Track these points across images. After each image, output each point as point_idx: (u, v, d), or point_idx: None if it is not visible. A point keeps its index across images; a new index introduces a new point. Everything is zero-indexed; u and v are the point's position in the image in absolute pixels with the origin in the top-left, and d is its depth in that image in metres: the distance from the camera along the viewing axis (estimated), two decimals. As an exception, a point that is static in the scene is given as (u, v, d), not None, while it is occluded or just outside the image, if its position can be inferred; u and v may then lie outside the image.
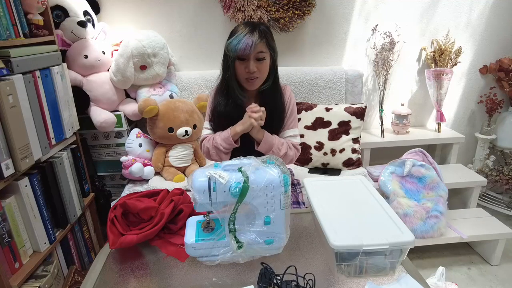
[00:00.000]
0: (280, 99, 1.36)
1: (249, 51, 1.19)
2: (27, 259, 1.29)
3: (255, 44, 1.19)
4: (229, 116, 1.32)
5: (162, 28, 2.03)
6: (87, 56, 1.76)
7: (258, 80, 1.28)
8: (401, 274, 0.86)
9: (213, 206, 0.87)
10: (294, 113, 1.40)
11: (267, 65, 1.27)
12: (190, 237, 0.93)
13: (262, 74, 1.27)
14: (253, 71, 1.23)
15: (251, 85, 1.28)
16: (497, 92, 2.32)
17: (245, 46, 1.19)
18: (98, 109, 1.80)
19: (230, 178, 0.86)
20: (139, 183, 1.80)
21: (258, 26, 1.24)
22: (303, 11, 2.01)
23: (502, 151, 2.36)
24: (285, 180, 0.88)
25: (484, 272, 1.89)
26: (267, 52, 1.25)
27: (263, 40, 1.22)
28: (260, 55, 1.23)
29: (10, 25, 1.27)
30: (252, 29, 1.22)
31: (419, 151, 1.97)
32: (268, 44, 1.24)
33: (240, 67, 1.25)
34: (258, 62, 1.24)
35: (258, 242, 0.90)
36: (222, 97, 1.33)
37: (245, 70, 1.24)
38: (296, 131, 1.40)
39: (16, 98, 1.19)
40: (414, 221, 1.75)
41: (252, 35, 1.20)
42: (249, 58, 1.22)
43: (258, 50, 1.21)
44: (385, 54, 2.10)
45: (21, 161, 1.21)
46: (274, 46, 1.28)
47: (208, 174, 0.86)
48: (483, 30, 2.24)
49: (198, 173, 0.89)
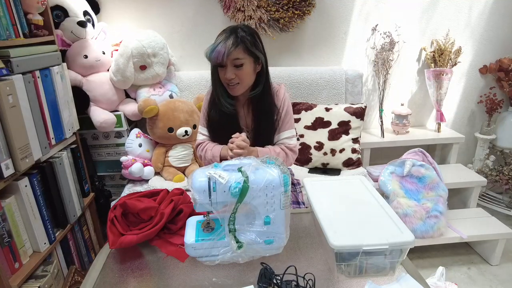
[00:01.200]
0: (272, 103, 1.33)
1: (221, 59, 1.17)
2: (27, 259, 1.29)
3: (229, 52, 1.16)
4: (221, 124, 1.32)
5: (162, 28, 2.03)
6: (87, 56, 1.76)
7: (239, 86, 1.25)
8: (401, 274, 0.86)
9: (213, 206, 0.87)
10: (290, 114, 1.37)
11: (247, 71, 1.23)
12: (190, 237, 0.93)
13: (243, 80, 1.24)
14: (230, 78, 1.21)
15: (232, 90, 1.26)
16: (497, 92, 2.32)
17: (217, 55, 1.17)
18: (98, 109, 1.80)
19: (230, 178, 0.86)
20: (139, 183, 1.80)
21: (235, 32, 1.20)
22: (303, 11, 2.01)
23: (502, 151, 2.36)
24: (285, 180, 0.88)
25: (484, 272, 1.89)
26: (245, 58, 1.20)
27: (240, 46, 1.18)
28: (237, 62, 1.20)
29: (10, 25, 1.27)
30: (228, 36, 1.18)
31: (419, 151, 1.97)
32: (247, 50, 1.20)
33: (221, 73, 1.24)
34: (236, 69, 1.21)
35: (258, 242, 0.90)
36: (213, 104, 1.33)
37: (224, 77, 1.23)
38: (293, 132, 1.38)
39: (16, 98, 1.19)
40: (414, 221, 1.75)
41: (225, 42, 1.17)
42: (226, 65, 1.20)
43: (233, 57, 1.18)
44: (385, 54, 2.10)
45: (21, 161, 1.20)
46: (256, 52, 1.23)
47: (208, 174, 0.86)
48: (483, 30, 2.24)
49: (198, 173, 0.89)
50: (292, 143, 1.37)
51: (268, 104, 1.33)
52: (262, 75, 1.29)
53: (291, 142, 1.37)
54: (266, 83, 1.31)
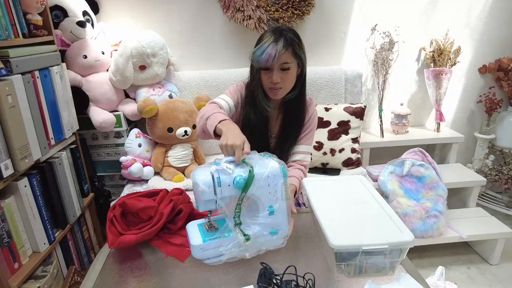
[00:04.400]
0: (302, 112, 1.30)
1: (271, 62, 1.13)
2: (26, 259, 1.29)
3: (279, 55, 1.12)
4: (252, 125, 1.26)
5: (162, 28, 2.03)
6: (86, 56, 1.76)
7: (282, 91, 1.21)
8: (401, 274, 0.86)
9: (218, 202, 0.87)
10: (314, 130, 1.34)
11: (292, 75, 1.20)
12: (196, 239, 0.92)
13: (287, 85, 1.21)
14: (276, 82, 1.17)
15: (274, 95, 1.22)
16: (496, 91, 2.32)
17: (267, 57, 1.12)
18: (97, 109, 1.79)
19: (236, 169, 0.86)
20: (139, 183, 1.80)
21: (284, 34, 1.15)
22: (302, 11, 2.01)
23: (501, 150, 2.36)
24: (284, 171, 0.90)
25: (483, 271, 1.89)
26: (292, 62, 1.17)
27: (289, 50, 1.14)
28: (285, 65, 1.15)
29: (9, 25, 1.26)
30: (277, 37, 1.13)
31: (418, 151, 1.97)
32: (294, 53, 1.16)
33: (264, 77, 1.19)
34: (283, 72, 1.17)
35: (263, 234, 0.90)
36: (248, 106, 1.27)
37: (268, 80, 1.18)
38: (310, 149, 1.35)
39: (15, 98, 1.19)
40: (414, 221, 1.76)
41: (276, 44, 1.12)
42: (273, 69, 1.16)
43: (282, 60, 1.14)
44: (384, 54, 2.10)
45: (20, 162, 1.20)
46: (301, 54, 1.19)
47: (214, 169, 0.86)
48: (482, 30, 2.24)
49: (200, 171, 0.88)
50: (307, 160, 1.34)
51: (300, 111, 1.30)
52: (300, 79, 1.26)
53: (307, 159, 1.33)
54: (303, 88, 1.28)
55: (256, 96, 1.24)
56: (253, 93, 1.24)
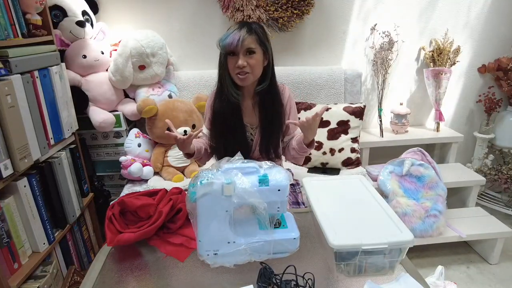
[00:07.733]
0: (279, 101, 1.36)
1: (235, 45, 1.21)
2: (26, 259, 1.29)
3: (243, 38, 1.21)
4: (224, 116, 1.33)
5: (161, 28, 2.03)
6: (85, 56, 1.76)
7: (250, 76, 1.27)
8: (400, 273, 0.86)
9: None
10: (294, 109, 1.42)
11: (258, 60, 1.27)
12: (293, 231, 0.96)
13: (254, 70, 1.27)
14: (242, 66, 1.23)
15: (241, 81, 1.28)
16: (495, 91, 2.32)
17: (231, 41, 1.21)
18: (97, 109, 1.79)
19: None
20: (138, 183, 1.80)
21: (249, 24, 1.26)
22: (302, 11, 2.01)
23: (501, 150, 2.37)
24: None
25: (483, 271, 1.89)
26: (257, 47, 1.25)
27: (252, 36, 1.24)
28: (250, 49, 1.24)
29: (8, 25, 1.26)
30: (242, 25, 1.24)
31: (418, 150, 1.97)
32: (259, 40, 1.25)
33: (231, 62, 1.26)
34: (248, 57, 1.24)
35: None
36: (218, 94, 1.35)
37: (235, 65, 1.25)
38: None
39: (14, 98, 1.19)
40: (413, 220, 1.76)
41: (239, 31, 1.23)
42: (239, 53, 1.23)
43: (246, 45, 1.23)
44: (384, 54, 2.10)
45: (19, 162, 1.20)
46: (267, 44, 1.28)
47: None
48: (481, 30, 2.24)
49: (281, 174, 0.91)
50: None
51: (276, 101, 1.36)
52: (268, 70, 1.32)
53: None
54: (273, 78, 1.34)
55: (223, 83, 1.31)
56: (221, 80, 1.32)
